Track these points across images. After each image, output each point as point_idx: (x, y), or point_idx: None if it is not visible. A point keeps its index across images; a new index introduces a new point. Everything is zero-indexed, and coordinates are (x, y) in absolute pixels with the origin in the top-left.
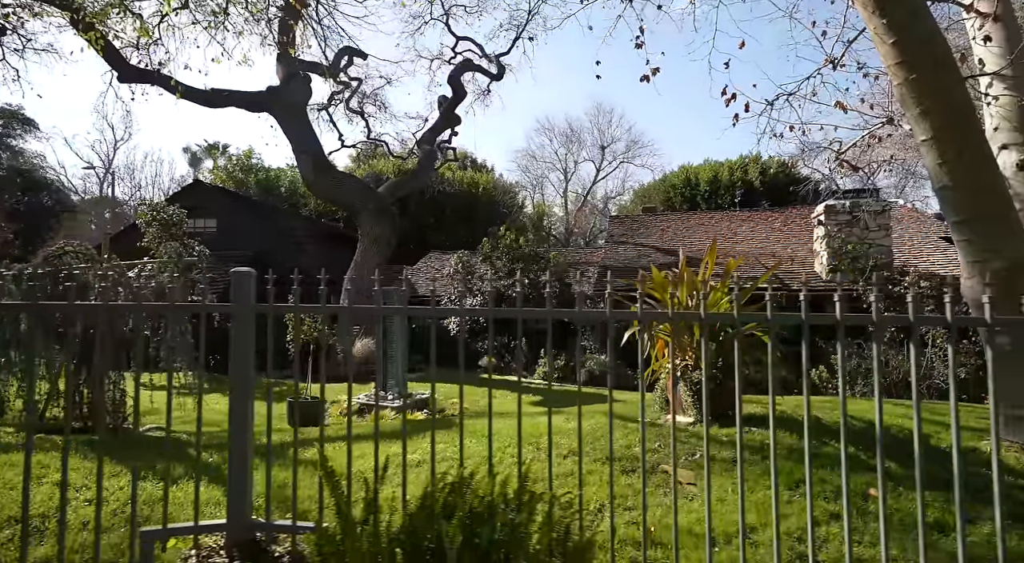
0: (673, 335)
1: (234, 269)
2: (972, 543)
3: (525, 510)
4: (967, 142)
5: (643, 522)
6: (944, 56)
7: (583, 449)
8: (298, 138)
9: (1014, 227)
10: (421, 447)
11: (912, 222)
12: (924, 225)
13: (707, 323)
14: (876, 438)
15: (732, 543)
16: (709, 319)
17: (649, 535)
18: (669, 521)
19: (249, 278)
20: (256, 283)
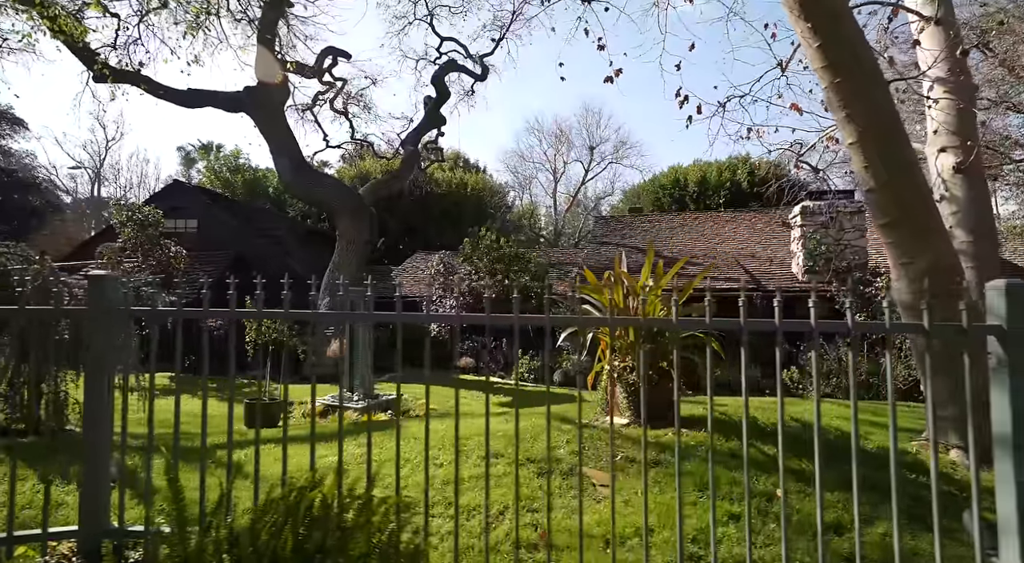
0: (610, 338)
1: (91, 273)
2: (865, 543)
3: (361, 515)
4: (889, 146)
5: (548, 523)
6: (867, 61)
7: (515, 450)
8: (275, 138)
9: (935, 229)
10: (361, 448)
11: None
12: None
13: (644, 326)
14: (804, 440)
15: (626, 545)
16: (647, 323)
17: (542, 538)
18: (568, 524)
19: (106, 282)
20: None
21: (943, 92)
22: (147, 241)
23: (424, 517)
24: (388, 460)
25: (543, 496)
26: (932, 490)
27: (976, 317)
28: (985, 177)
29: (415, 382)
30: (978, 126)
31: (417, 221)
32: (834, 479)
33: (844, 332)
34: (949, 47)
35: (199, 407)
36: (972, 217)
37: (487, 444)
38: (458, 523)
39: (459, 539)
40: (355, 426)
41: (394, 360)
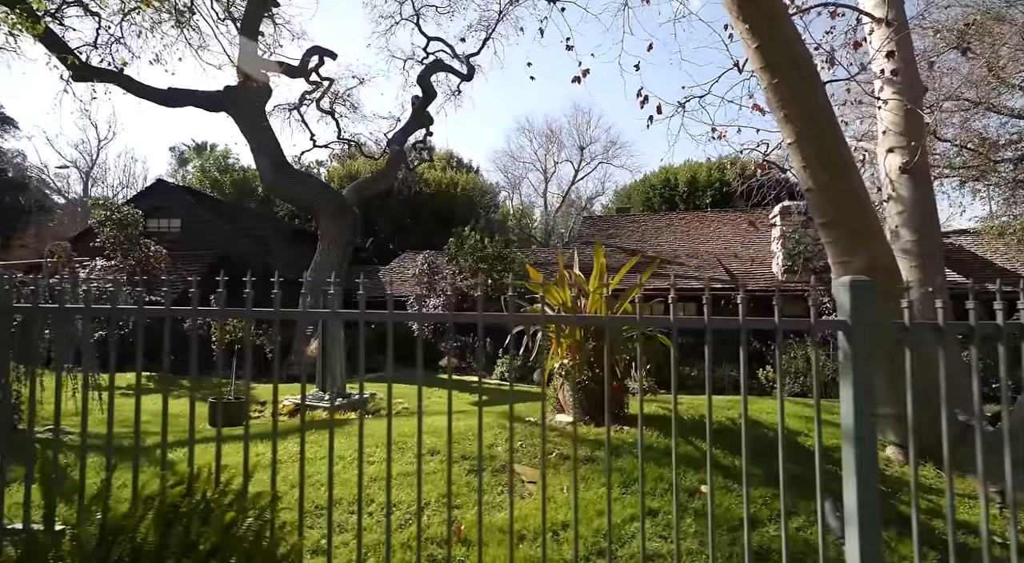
0: (556, 336)
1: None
2: (774, 536)
3: (217, 510)
4: (826, 146)
5: (479, 520)
6: (803, 62)
7: (449, 448)
8: (256, 138)
9: (872, 230)
10: (316, 446)
11: None
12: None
13: (577, 325)
14: (742, 438)
15: (537, 541)
16: (580, 321)
17: (457, 534)
18: (486, 520)
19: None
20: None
21: (891, 92)
22: (126, 241)
23: (329, 514)
24: (325, 458)
25: (467, 492)
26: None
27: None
28: (930, 178)
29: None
30: (925, 127)
31: (408, 221)
32: (763, 476)
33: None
34: (900, 48)
35: (175, 407)
36: (917, 217)
37: (419, 444)
38: (361, 521)
39: (371, 537)
40: (319, 424)
41: (379, 359)
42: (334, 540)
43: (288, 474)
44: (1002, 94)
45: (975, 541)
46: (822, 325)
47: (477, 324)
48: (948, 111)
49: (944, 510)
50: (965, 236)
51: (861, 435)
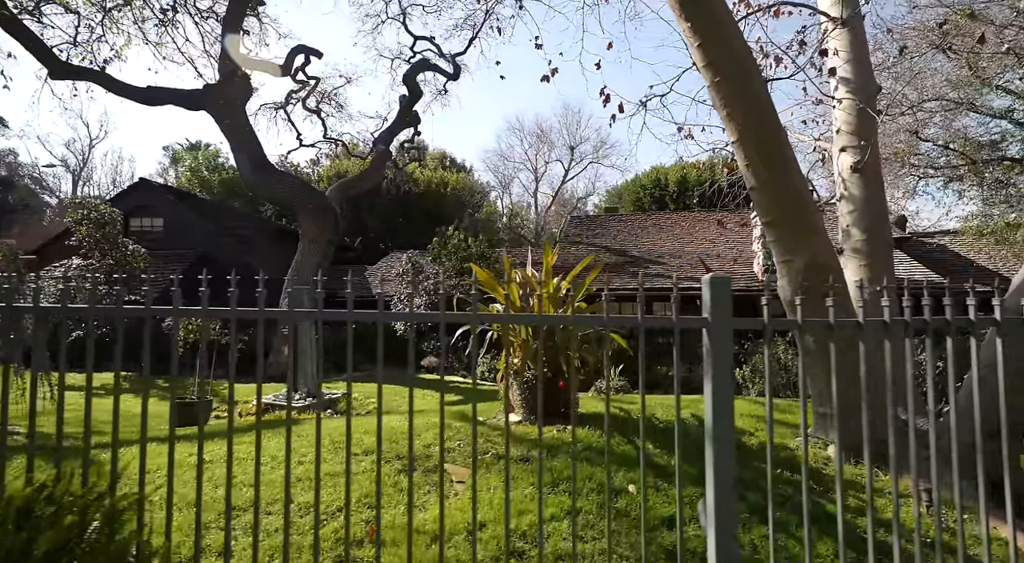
0: (505, 335)
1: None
2: (694, 536)
3: (62, 514)
4: (768, 145)
5: (410, 520)
6: (744, 60)
7: (384, 449)
8: (236, 136)
9: (812, 229)
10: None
11: None
12: None
13: (510, 324)
14: (675, 438)
15: (452, 540)
16: (513, 320)
17: (370, 534)
18: (405, 520)
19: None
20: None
21: (845, 92)
22: (103, 240)
23: (227, 516)
24: (272, 458)
25: (397, 493)
26: (768, 483)
27: (846, 314)
28: (881, 177)
29: (371, 381)
30: (877, 127)
31: (397, 220)
32: (696, 475)
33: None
34: (855, 48)
35: (136, 406)
36: (867, 216)
37: (347, 447)
38: (258, 523)
39: (289, 536)
40: (279, 424)
41: (360, 359)
42: (245, 542)
43: (232, 473)
44: (984, 95)
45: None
46: (683, 322)
47: (458, 324)
48: (930, 111)
49: (885, 510)
50: (949, 236)
51: (718, 433)
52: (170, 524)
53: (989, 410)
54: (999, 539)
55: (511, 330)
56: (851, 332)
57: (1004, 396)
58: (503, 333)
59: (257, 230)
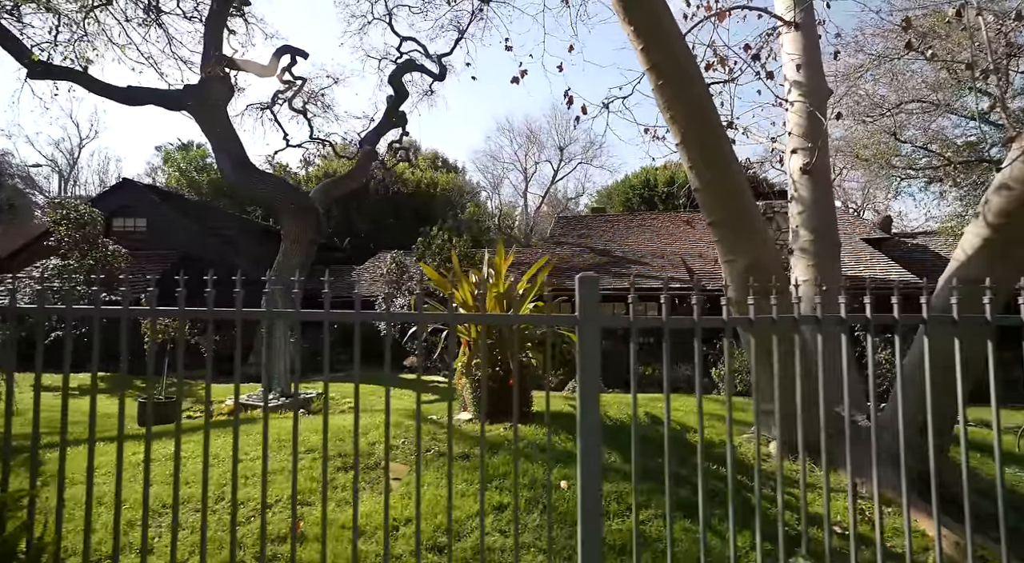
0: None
1: None
2: (619, 529)
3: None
4: (710, 147)
5: (356, 517)
6: (686, 64)
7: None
8: (217, 136)
9: (754, 229)
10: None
11: (842, 223)
12: (851, 226)
13: (455, 323)
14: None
15: (375, 536)
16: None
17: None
18: (338, 516)
19: None
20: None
21: (797, 94)
22: (83, 240)
23: (144, 516)
24: (215, 457)
25: (331, 490)
26: (699, 482)
27: (787, 311)
28: (830, 178)
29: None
30: (827, 129)
31: (387, 221)
32: (630, 471)
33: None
34: (807, 52)
35: (110, 407)
36: (815, 217)
37: (294, 446)
38: (176, 521)
39: (215, 533)
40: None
41: (342, 359)
42: (164, 539)
43: (185, 472)
44: (962, 97)
45: (820, 533)
46: (551, 320)
47: (440, 325)
48: (910, 113)
49: (815, 504)
50: (930, 237)
51: (584, 429)
52: (89, 522)
53: (920, 407)
54: (918, 531)
55: (464, 329)
56: (768, 328)
57: (930, 393)
58: (450, 332)
59: (242, 230)
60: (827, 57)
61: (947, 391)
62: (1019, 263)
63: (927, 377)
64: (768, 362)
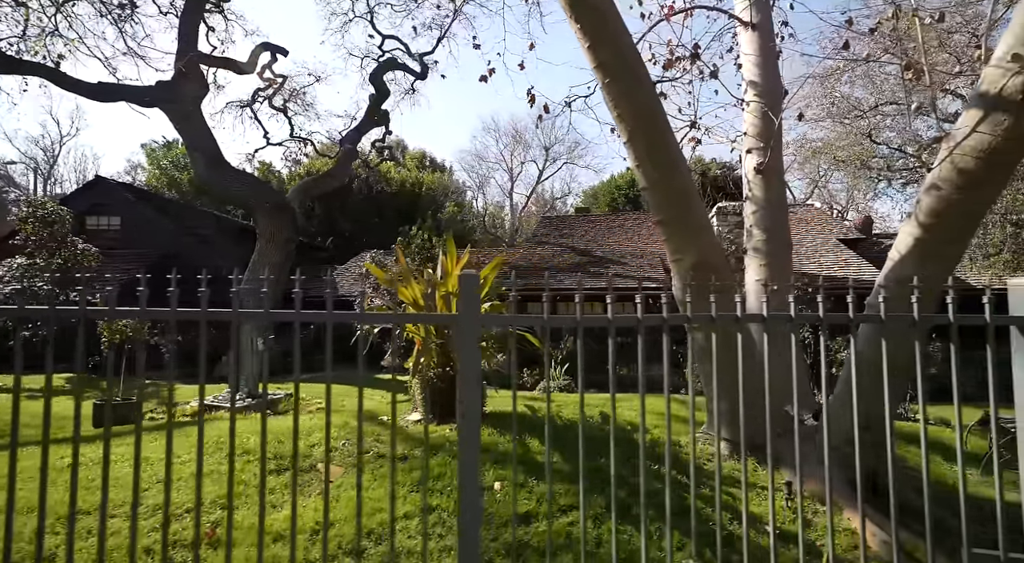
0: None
1: None
2: (541, 531)
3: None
4: (656, 146)
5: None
6: (632, 62)
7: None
8: (190, 134)
9: (700, 228)
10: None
11: (821, 223)
12: (828, 226)
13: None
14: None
15: (281, 541)
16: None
17: (209, 535)
18: (252, 522)
19: None
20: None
21: (753, 95)
22: (50, 239)
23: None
24: (161, 460)
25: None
26: (641, 481)
27: (729, 309)
28: (783, 179)
29: (336, 381)
30: (780, 129)
31: (371, 220)
32: (568, 471)
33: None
34: (764, 53)
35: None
36: (768, 217)
37: (231, 448)
38: (104, 525)
39: (137, 537)
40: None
41: (319, 359)
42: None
43: (118, 475)
44: (937, 99)
45: (752, 532)
46: (430, 319)
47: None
48: (885, 114)
49: (753, 502)
50: None
51: (465, 426)
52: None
53: (861, 405)
54: (848, 530)
55: (415, 329)
56: (709, 326)
57: (856, 392)
58: (394, 333)
59: (220, 229)
60: (797, 57)
61: (881, 391)
62: (949, 262)
63: (853, 377)
64: (723, 359)
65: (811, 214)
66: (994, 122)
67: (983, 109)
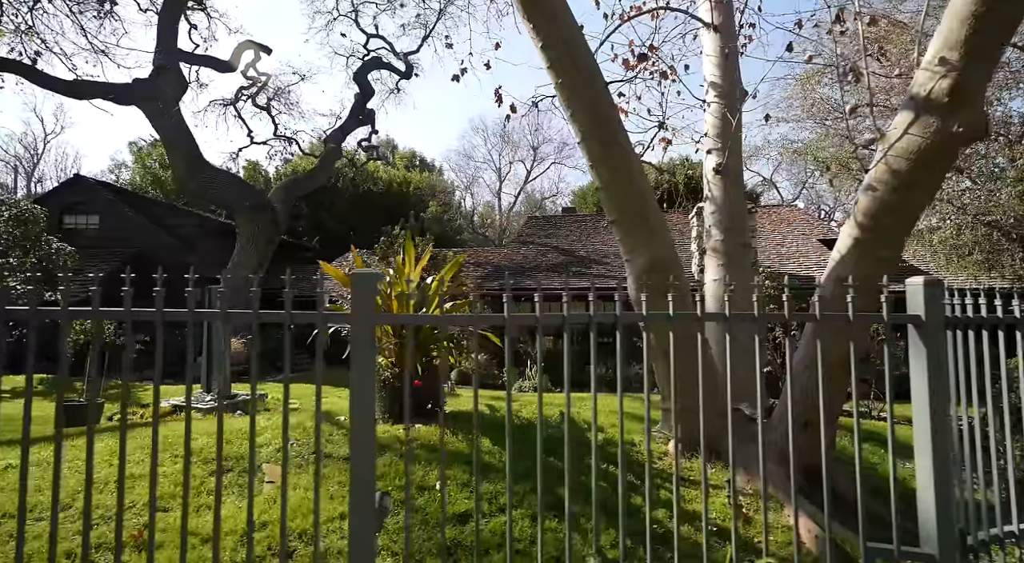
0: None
1: None
2: (482, 530)
3: None
4: (609, 147)
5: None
6: (583, 62)
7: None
8: (168, 133)
9: (652, 228)
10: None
11: (802, 224)
12: (808, 227)
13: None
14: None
15: (224, 541)
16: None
17: (136, 537)
18: (194, 522)
19: None
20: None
21: (714, 96)
22: (23, 238)
23: None
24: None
25: (198, 495)
26: (565, 480)
27: (684, 307)
28: (742, 179)
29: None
30: (740, 130)
31: (358, 220)
32: (522, 470)
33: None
34: (724, 53)
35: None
36: (726, 217)
37: (186, 450)
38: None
39: (36, 546)
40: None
41: (304, 359)
42: (35, 545)
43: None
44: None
45: (690, 530)
46: (329, 318)
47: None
48: (863, 116)
49: (694, 501)
50: None
51: (357, 432)
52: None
53: (804, 404)
54: (786, 526)
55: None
56: (666, 324)
57: (790, 390)
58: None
59: (202, 229)
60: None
61: (828, 389)
62: (885, 262)
63: (789, 377)
64: (667, 360)
65: (794, 215)
66: (924, 124)
67: (914, 111)
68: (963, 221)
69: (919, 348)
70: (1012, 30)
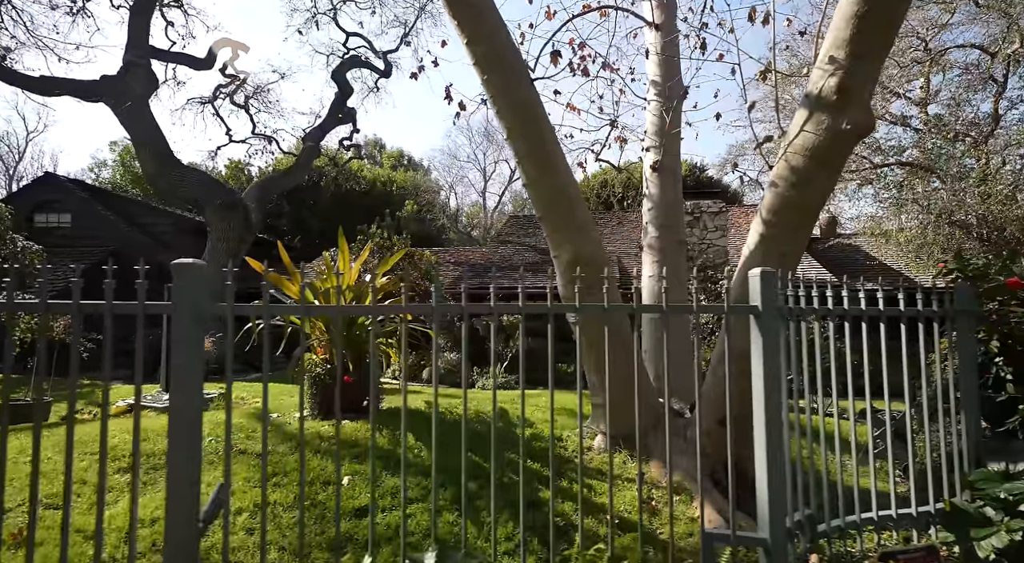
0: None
1: None
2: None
3: None
4: (534, 144)
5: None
6: (509, 59)
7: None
8: (137, 130)
9: (577, 225)
10: None
11: None
12: None
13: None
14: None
15: (109, 539)
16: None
17: (15, 538)
18: (89, 521)
19: None
20: None
21: (654, 94)
22: None
23: None
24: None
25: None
26: (463, 470)
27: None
28: (678, 177)
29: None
30: (671, 127)
31: (342, 219)
32: (424, 466)
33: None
34: (665, 51)
35: None
36: (662, 214)
37: (103, 447)
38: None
39: None
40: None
41: (281, 359)
42: None
43: None
44: (891, 102)
45: (593, 522)
46: (150, 307)
47: None
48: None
49: (601, 496)
50: (862, 238)
51: (175, 428)
52: None
53: (722, 397)
54: (690, 517)
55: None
56: (600, 317)
57: (707, 385)
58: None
59: (176, 227)
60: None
61: (748, 385)
62: (788, 258)
63: (695, 370)
64: (596, 356)
65: None
66: (817, 121)
67: (808, 109)
68: (927, 220)
69: (757, 337)
70: (892, 31)
